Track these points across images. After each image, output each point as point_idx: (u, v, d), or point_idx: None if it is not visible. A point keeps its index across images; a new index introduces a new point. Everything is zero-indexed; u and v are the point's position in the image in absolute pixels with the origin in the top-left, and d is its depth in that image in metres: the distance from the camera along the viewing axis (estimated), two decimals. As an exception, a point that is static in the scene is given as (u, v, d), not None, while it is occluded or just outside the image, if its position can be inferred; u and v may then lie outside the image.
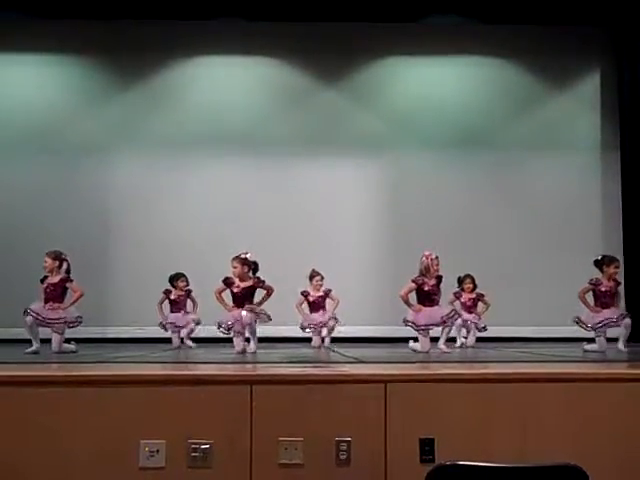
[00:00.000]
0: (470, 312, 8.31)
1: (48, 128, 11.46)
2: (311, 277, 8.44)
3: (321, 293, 8.41)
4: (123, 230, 11.38)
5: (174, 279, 8.53)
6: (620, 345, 6.72)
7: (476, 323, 8.34)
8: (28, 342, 7.07)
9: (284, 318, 10.01)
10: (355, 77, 11.90)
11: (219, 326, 6.59)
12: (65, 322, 6.75)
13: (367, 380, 3.77)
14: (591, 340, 6.88)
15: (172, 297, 8.48)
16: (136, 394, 3.68)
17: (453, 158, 11.60)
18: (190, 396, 3.68)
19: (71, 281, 6.88)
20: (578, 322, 6.84)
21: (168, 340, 8.95)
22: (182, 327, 8.43)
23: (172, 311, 8.50)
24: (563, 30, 11.71)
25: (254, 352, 6.63)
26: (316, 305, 8.38)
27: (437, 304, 6.83)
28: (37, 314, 6.66)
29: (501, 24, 11.60)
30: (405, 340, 8.41)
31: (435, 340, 6.86)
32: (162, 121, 11.63)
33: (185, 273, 8.58)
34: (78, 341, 9.12)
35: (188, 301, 8.54)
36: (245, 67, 11.86)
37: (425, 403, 3.70)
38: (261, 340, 7.55)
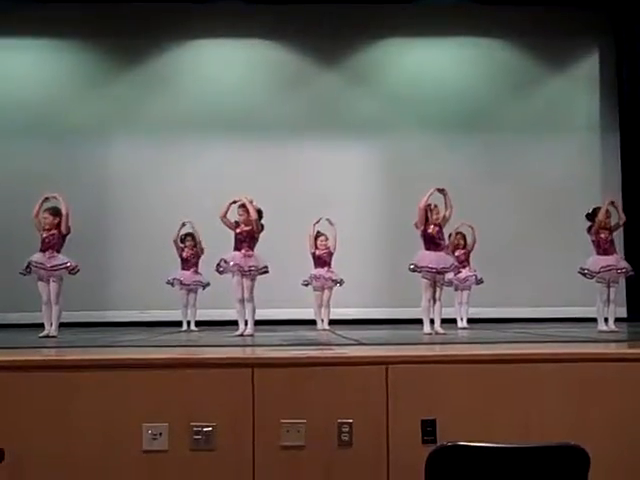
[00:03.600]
0: (464, 267, 8.45)
1: (47, 112, 11.43)
2: (316, 237, 8.48)
3: (326, 250, 8.46)
4: (124, 213, 11.39)
5: (184, 238, 8.63)
6: (611, 324, 6.77)
7: (475, 276, 8.53)
8: (28, 327, 7.09)
9: (285, 301, 10.09)
10: (354, 59, 11.86)
11: (217, 267, 6.87)
12: (66, 268, 6.80)
13: (368, 362, 3.77)
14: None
15: (183, 255, 8.61)
16: (138, 378, 3.69)
17: (452, 139, 11.58)
18: (192, 379, 3.69)
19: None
20: (582, 272, 6.96)
21: (170, 323, 8.98)
22: (188, 285, 8.53)
23: (183, 269, 8.60)
24: (562, 11, 11.66)
25: (251, 335, 6.68)
26: (321, 261, 8.42)
27: (442, 250, 6.90)
28: (40, 264, 6.72)
29: (500, 5, 11.55)
30: (406, 322, 8.44)
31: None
32: (161, 104, 11.60)
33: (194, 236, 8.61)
34: (79, 325, 9.19)
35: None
36: (244, 50, 11.83)
37: (426, 384, 3.70)
38: (262, 322, 7.58)
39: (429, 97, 11.69)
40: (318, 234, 8.49)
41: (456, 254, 8.24)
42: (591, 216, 7.09)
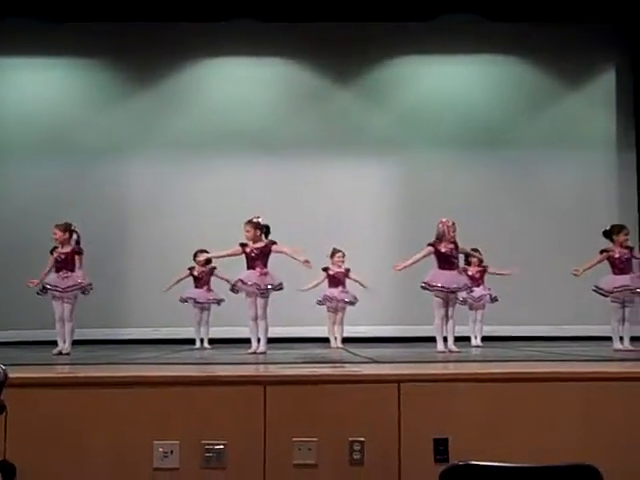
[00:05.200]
0: (478, 286, 8.36)
1: (61, 132, 11.51)
2: (332, 254, 8.40)
3: (342, 270, 8.37)
4: (137, 232, 11.42)
5: (195, 255, 8.58)
6: (627, 343, 6.73)
7: (490, 294, 8.45)
8: (43, 344, 7.12)
9: (298, 319, 10.07)
10: (369, 77, 11.89)
11: (232, 287, 6.86)
12: (80, 288, 6.84)
13: (380, 380, 3.77)
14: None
15: (195, 273, 8.62)
16: (150, 395, 3.69)
17: (468, 157, 11.56)
18: (204, 397, 3.69)
19: (81, 254, 6.97)
20: (596, 289, 6.90)
21: (183, 341, 9.00)
22: (202, 303, 8.54)
23: (196, 287, 8.63)
24: (578, 28, 11.64)
25: (264, 352, 6.66)
26: (336, 280, 8.33)
27: (457, 268, 6.93)
28: (53, 286, 6.75)
29: (515, 22, 11.54)
30: (420, 340, 8.39)
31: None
32: (176, 123, 11.65)
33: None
34: (93, 342, 9.22)
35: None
36: (258, 68, 11.87)
37: (439, 403, 3.69)
38: (275, 340, 7.56)
39: (444, 114, 11.69)
40: (335, 251, 8.43)
41: (470, 272, 8.19)
42: (608, 233, 7.04)
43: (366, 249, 10.74)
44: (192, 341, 8.65)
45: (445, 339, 6.65)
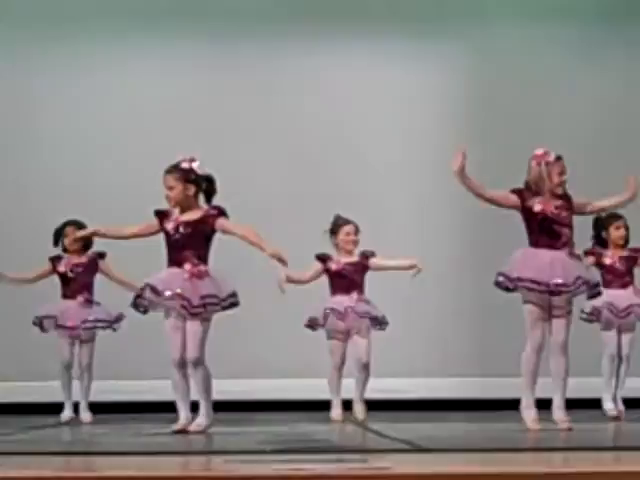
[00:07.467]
0: (624, 286, 8.30)
1: None
2: (336, 227, 8.49)
3: (354, 258, 8.45)
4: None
5: (61, 232, 8.60)
6: None
7: None
8: None
9: (268, 364, 10.16)
10: None
11: (136, 299, 6.90)
12: None
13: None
14: None
15: (61, 269, 8.62)
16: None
17: (584, 38, 11.62)
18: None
19: None
20: None
21: (43, 408, 9.08)
22: (74, 328, 8.53)
23: (64, 296, 8.65)
24: None
25: (202, 430, 6.73)
26: (345, 280, 8.42)
27: (568, 246, 6.80)
28: None
29: None
30: (498, 405, 8.50)
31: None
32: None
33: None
34: None
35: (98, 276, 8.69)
36: None
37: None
38: (226, 406, 7.64)
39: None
40: (340, 222, 8.48)
41: (607, 261, 8.14)
42: None
43: (392, 219, 10.79)
44: (57, 407, 8.75)
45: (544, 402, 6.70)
